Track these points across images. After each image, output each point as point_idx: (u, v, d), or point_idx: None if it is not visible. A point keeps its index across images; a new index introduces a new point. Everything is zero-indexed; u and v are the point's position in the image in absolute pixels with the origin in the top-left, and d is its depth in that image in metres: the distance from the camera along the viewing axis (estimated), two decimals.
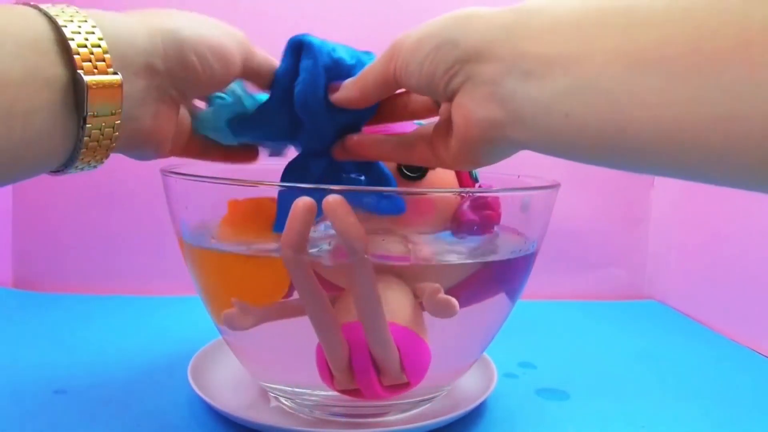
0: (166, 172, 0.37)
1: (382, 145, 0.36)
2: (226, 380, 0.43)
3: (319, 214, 0.29)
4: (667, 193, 0.75)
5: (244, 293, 0.35)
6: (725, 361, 0.55)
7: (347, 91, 0.34)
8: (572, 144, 0.25)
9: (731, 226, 0.63)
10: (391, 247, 0.35)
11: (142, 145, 0.31)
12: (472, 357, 0.42)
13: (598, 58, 0.23)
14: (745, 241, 0.61)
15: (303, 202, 0.29)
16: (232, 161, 0.40)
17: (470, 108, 0.28)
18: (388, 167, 0.38)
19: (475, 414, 0.41)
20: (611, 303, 0.73)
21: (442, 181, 0.39)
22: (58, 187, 0.67)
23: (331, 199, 0.29)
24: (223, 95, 0.36)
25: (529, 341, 0.56)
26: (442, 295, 0.31)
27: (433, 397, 0.41)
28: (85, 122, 0.25)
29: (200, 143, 0.38)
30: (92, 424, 0.38)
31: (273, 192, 0.34)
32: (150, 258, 0.68)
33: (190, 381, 0.41)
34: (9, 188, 0.67)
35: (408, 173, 0.38)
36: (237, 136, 0.37)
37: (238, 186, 0.36)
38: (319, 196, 0.29)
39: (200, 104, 0.38)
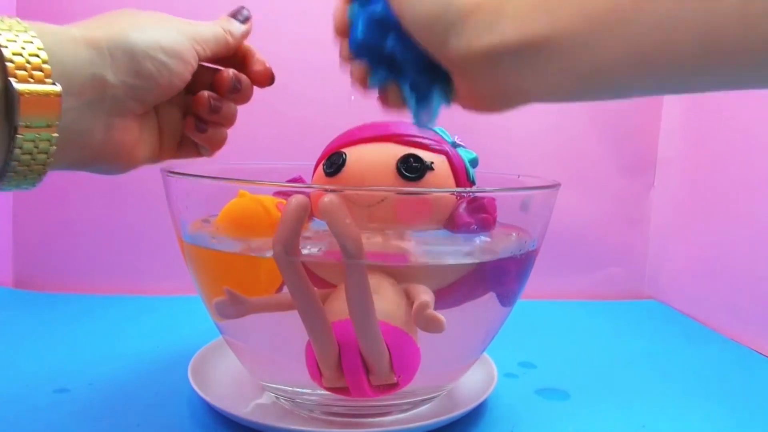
0: (166, 172, 0.37)
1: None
2: (226, 380, 0.43)
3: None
4: (667, 193, 0.75)
5: (244, 292, 0.35)
6: (725, 361, 0.55)
7: None
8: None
9: (731, 227, 0.63)
10: (386, 247, 0.35)
11: (95, 159, 0.29)
12: (472, 357, 0.42)
13: None
14: (745, 241, 0.61)
15: (296, 199, 0.29)
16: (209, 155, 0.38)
17: None
18: (389, 168, 0.38)
19: (475, 414, 0.41)
20: (611, 303, 0.73)
21: (440, 183, 0.39)
22: (59, 187, 0.67)
23: (327, 200, 0.29)
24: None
25: (529, 341, 0.56)
26: (431, 312, 0.31)
27: (433, 397, 0.41)
28: (16, 132, 0.24)
29: (194, 143, 0.37)
30: (92, 423, 0.38)
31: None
32: (150, 258, 0.68)
33: (190, 381, 0.41)
34: None
35: (406, 174, 0.38)
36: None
37: (237, 186, 0.36)
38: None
39: None
